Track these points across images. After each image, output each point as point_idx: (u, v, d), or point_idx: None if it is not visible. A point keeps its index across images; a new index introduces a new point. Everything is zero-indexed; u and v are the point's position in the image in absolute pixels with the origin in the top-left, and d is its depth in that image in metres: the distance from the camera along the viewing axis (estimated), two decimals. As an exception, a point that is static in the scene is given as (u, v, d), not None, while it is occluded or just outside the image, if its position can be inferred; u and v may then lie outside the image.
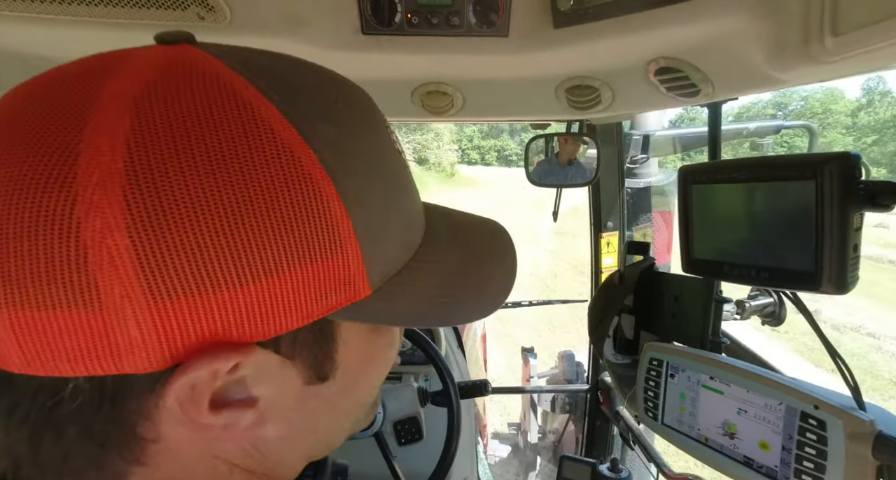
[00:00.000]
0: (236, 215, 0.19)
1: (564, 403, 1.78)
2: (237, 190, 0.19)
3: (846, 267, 0.47)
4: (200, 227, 0.19)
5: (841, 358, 0.53)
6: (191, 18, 0.56)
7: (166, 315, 0.19)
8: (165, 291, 0.19)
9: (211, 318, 0.20)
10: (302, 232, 0.21)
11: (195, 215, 0.19)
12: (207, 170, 0.19)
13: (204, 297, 0.19)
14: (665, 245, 1.51)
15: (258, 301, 0.21)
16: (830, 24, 0.43)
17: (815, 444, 0.51)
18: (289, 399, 0.25)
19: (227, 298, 0.20)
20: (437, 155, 21.23)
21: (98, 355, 0.19)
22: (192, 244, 0.19)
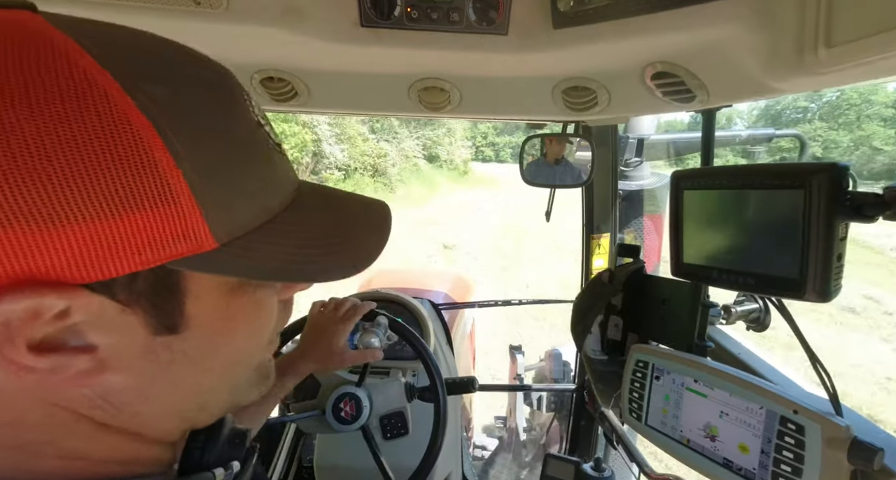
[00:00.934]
0: (52, 153, 0.20)
1: (550, 401, 1.80)
2: (53, 129, 0.20)
3: (830, 276, 0.48)
4: (16, 162, 0.19)
5: (821, 364, 0.54)
6: (186, 4, 0.56)
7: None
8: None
9: (29, 255, 0.20)
10: (123, 175, 0.22)
11: (10, 151, 0.19)
12: (21, 110, 0.20)
13: (21, 232, 0.20)
14: (654, 249, 1.53)
15: (81, 242, 0.21)
16: (824, 36, 0.43)
17: (792, 448, 0.52)
18: (133, 347, 0.25)
19: (47, 236, 0.20)
20: (450, 151, 19.80)
21: None
22: (7, 178, 0.19)
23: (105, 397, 0.26)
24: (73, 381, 0.24)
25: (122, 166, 0.22)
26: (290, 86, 0.83)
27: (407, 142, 15.82)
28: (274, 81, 0.82)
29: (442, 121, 16.57)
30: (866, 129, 21.02)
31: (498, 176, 20.66)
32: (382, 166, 13.44)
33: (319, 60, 0.75)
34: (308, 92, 0.84)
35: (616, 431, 1.10)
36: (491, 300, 1.88)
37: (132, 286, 0.24)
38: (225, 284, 0.28)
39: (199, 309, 0.27)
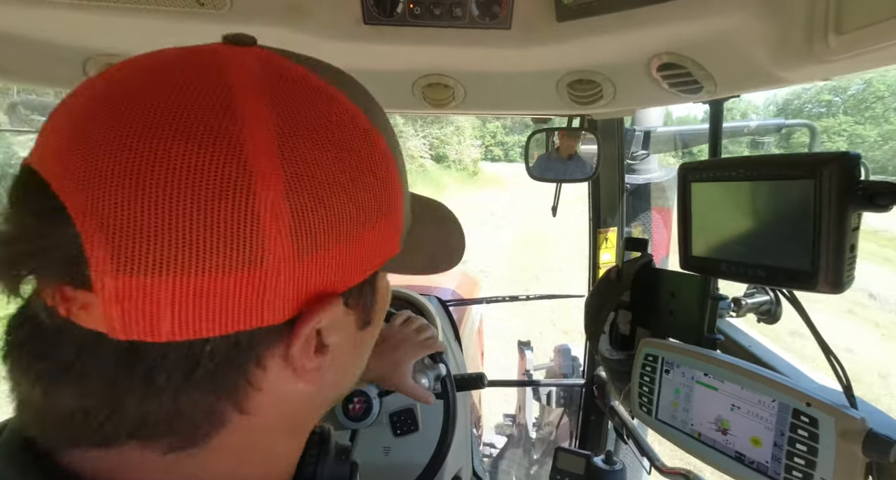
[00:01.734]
0: (349, 189, 0.24)
1: (560, 397, 1.80)
2: (350, 171, 0.24)
3: (842, 267, 0.47)
4: (329, 196, 0.23)
5: (835, 356, 0.53)
6: (189, 5, 0.56)
7: (303, 269, 0.22)
8: (306, 248, 0.22)
9: (324, 273, 0.24)
10: (382, 198, 0.26)
11: (326, 188, 0.23)
12: (330, 154, 0.23)
13: (323, 254, 0.23)
14: (663, 243, 1.51)
15: (348, 256, 0.24)
16: (835, 23, 0.42)
17: (806, 441, 0.52)
18: (347, 344, 0.28)
19: (334, 255, 0.24)
20: (458, 151, 18.75)
21: (247, 311, 0.21)
22: (323, 209, 0.23)
23: (318, 394, 0.28)
24: (317, 381, 0.26)
25: (384, 188, 0.26)
26: (295, 86, 0.83)
27: (412, 142, 15.12)
28: None
29: (450, 118, 15.84)
30: (895, 123, 20.16)
31: (508, 175, 19.89)
32: (382, 169, 13.03)
33: (323, 59, 0.75)
34: None
35: (626, 425, 1.10)
36: (498, 296, 1.88)
37: (360, 291, 0.27)
38: (385, 278, 0.32)
39: (378, 303, 0.30)
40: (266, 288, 0.21)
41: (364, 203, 0.25)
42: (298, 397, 0.27)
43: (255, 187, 0.20)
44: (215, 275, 0.20)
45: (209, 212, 0.20)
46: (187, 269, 0.19)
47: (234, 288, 0.20)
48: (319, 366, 0.26)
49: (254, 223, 0.20)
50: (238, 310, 0.21)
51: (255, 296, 0.21)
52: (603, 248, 1.28)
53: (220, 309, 0.20)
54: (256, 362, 0.23)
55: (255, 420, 0.25)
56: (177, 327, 0.20)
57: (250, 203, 0.20)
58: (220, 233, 0.20)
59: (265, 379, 0.24)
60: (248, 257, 0.20)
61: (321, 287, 0.24)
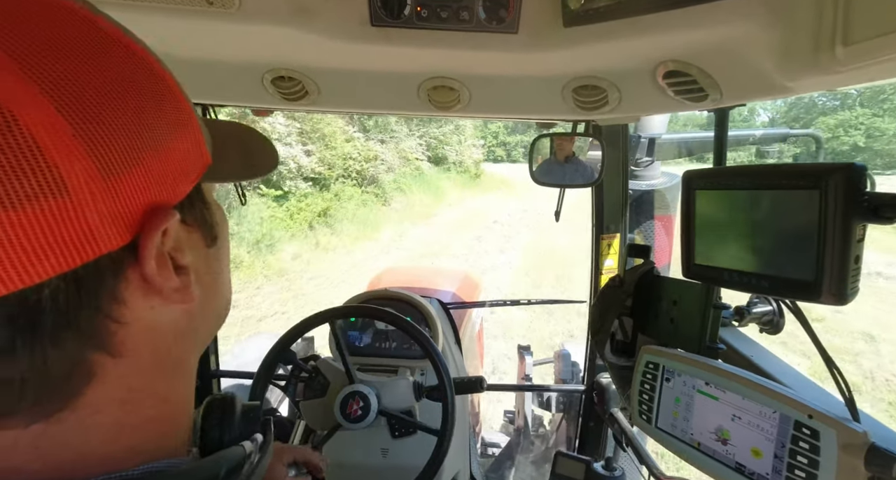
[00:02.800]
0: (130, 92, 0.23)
1: (559, 402, 1.79)
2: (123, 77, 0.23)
3: (847, 279, 0.47)
4: (112, 104, 0.22)
5: (837, 368, 0.53)
6: (199, 4, 0.56)
7: (120, 188, 0.21)
8: (113, 164, 0.21)
9: (147, 186, 0.23)
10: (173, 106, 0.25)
11: (105, 95, 0.21)
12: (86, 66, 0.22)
13: (138, 167, 0.22)
14: (665, 250, 1.51)
15: (166, 164, 0.24)
16: (842, 34, 0.42)
17: (807, 453, 0.51)
18: (201, 263, 0.28)
19: (150, 164, 0.23)
20: (459, 152, 16.70)
21: (73, 243, 0.19)
22: (113, 118, 0.21)
23: (187, 319, 0.27)
24: (187, 300, 0.26)
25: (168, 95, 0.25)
26: (301, 86, 0.84)
27: (407, 142, 13.13)
28: (285, 80, 0.82)
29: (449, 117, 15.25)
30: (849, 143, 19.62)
31: (512, 178, 18.55)
32: (371, 173, 10.33)
33: (330, 59, 0.75)
34: (318, 91, 0.85)
35: (625, 433, 1.09)
36: (500, 299, 1.88)
37: (191, 205, 0.27)
38: (213, 195, 0.31)
39: (216, 216, 0.30)
40: (84, 213, 0.20)
41: (154, 112, 0.24)
42: (171, 325, 0.26)
43: (8, 108, 0.18)
44: (15, 213, 0.18)
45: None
46: None
47: (44, 220, 0.18)
48: (185, 285, 0.25)
49: (31, 147, 0.18)
50: (62, 244, 0.19)
51: (75, 224, 0.19)
52: (606, 254, 1.28)
53: (40, 247, 0.18)
54: (111, 295, 0.22)
55: (128, 362, 0.23)
56: (6, 275, 0.18)
57: (14, 126, 0.18)
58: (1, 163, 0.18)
59: (128, 310, 0.23)
60: (45, 184, 0.18)
61: (146, 202, 0.22)
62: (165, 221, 0.23)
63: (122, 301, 0.22)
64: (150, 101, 0.24)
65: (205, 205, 0.29)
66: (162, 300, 0.24)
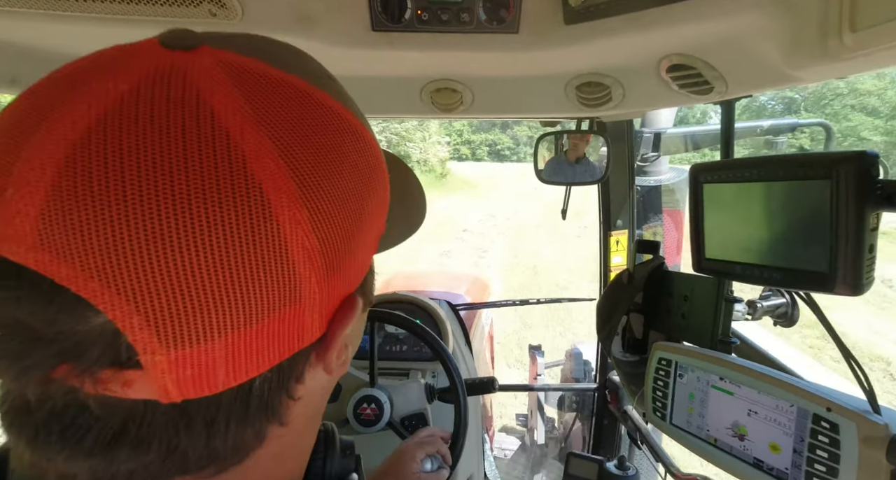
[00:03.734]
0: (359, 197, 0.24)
1: (572, 401, 1.78)
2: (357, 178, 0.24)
3: (861, 268, 0.46)
4: (346, 212, 0.23)
5: (856, 360, 0.52)
6: (202, 15, 0.57)
7: (330, 288, 0.22)
8: (333, 266, 0.22)
9: (348, 282, 0.24)
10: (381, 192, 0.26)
11: (343, 206, 0.22)
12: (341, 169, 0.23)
13: (346, 265, 0.23)
14: (674, 245, 1.50)
15: (362, 257, 0.25)
16: (849, 20, 0.42)
17: (827, 447, 0.51)
18: (356, 328, 0.28)
19: (352, 261, 0.24)
20: (423, 149, 15.66)
21: (290, 342, 0.21)
22: (346, 230, 0.23)
23: (332, 381, 0.28)
24: (342, 370, 0.27)
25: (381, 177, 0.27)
26: (305, 93, 0.84)
27: None
28: None
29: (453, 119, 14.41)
30: (853, 120, 20.09)
31: (478, 177, 17.66)
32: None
33: (332, 66, 0.75)
34: None
35: (640, 430, 1.08)
36: (508, 300, 1.88)
37: (367, 280, 0.28)
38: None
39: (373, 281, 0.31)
40: (304, 315, 0.21)
41: (371, 202, 0.25)
42: (321, 390, 0.28)
43: (283, 233, 0.20)
44: (262, 323, 0.20)
45: (243, 268, 0.19)
46: (236, 327, 0.19)
47: (278, 326, 0.21)
48: (347, 359, 0.26)
49: (288, 265, 0.20)
50: (283, 344, 0.21)
51: (296, 326, 0.21)
52: (614, 251, 1.27)
53: (268, 348, 0.21)
54: (297, 378, 0.24)
55: (290, 428, 0.25)
56: (231, 376, 0.20)
57: (282, 249, 0.20)
58: (259, 285, 0.19)
59: (303, 388, 0.24)
60: (288, 297, 0.20)
61: (346, 292, 0.24)
62: (355, 311, 0.24)
63: (302, 381, 0.24)
64: (374, 198, 0.25)
65: (373, 275, 0.29)
66: (325, 373, 0.25)
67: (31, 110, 0.19)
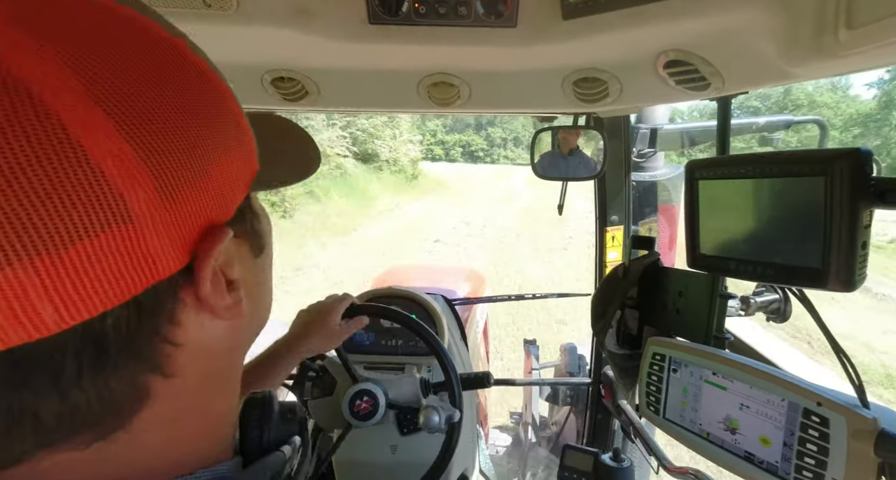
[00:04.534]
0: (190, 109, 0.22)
1: (566, 396, 1.79)
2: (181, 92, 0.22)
3: (854, 265, 0.47)
4: (175, 124, 0.21)
5: (846, 355, 0.52)
6: (197, 5, 0.56)
7: (180, 211, 0.21)
8: (173, 188, 0.20)
9: (205, 206, 0.22)
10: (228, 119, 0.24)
11: (166, 115, 0.21)
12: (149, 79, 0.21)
13: (196, 186, 0.21)
14: (667, 242, 1.50)
15: (221, 181, 0.23)
16: (845, 17, 0.42)
17: (816, 441, 0.51)
18: (249, 275, 0.27)
19: (207, 184, 0.22)
20: (393, 148, 14.21)
21: (136, 270, 0.19)
22: (175, 139, 0.21)
23: (233, 334, 0.27)
24: (236, 317, 0.25)
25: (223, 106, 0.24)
26: (301, 86, 0.84)
27: (325, 133, 10.59)
28: (284, 81, 0.82)
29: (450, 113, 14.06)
30: (811, 130, 21.10)
31: (451, 178, 16.62)
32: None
33: (329, 59, 0.75)
34: (318, 91, 0.85)
35: (633, 424, 1.10)
36: (504, 295, 1.88)
37: (242, 217, 0.26)
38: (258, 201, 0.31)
39: (263, 225, 0.29)
40: (146, 239, 0.19)
41: (216, 130, 0.23)
42: (219, 342, 0.25)
43: (74, 135, 0.17)
44: (81, 246, 0.17)
45: (32, 181, 0.16)
46: (42, 251, 0.17)
47: (110, 250, 0.18)
48: (236, 301, 0.25)
49: (97, 175, 0.18)
50: (126, 272, 0.19)
51: (138, 252, 0.19)
52: (610, 247, 1.28)
53: (105, 277, 0.18)
54: (168, 318, 0.22)
55: (179, 382, 0.23)
56: (63, 312, 0.17)
57: (79, 154, 0.17)
58: (62, 198, 0.17)
59: (182, 332, 0.22)
60: (111, 214, 0.18)
61: (204, 222, 0.22)
62: (221, 240, 0.22)
63: (177, 323, 0.22)
64: (214, 120, 0.23)
65: (253, 216, 0.28)
66: (213, 318, 0.24)
67: None
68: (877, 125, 21.70)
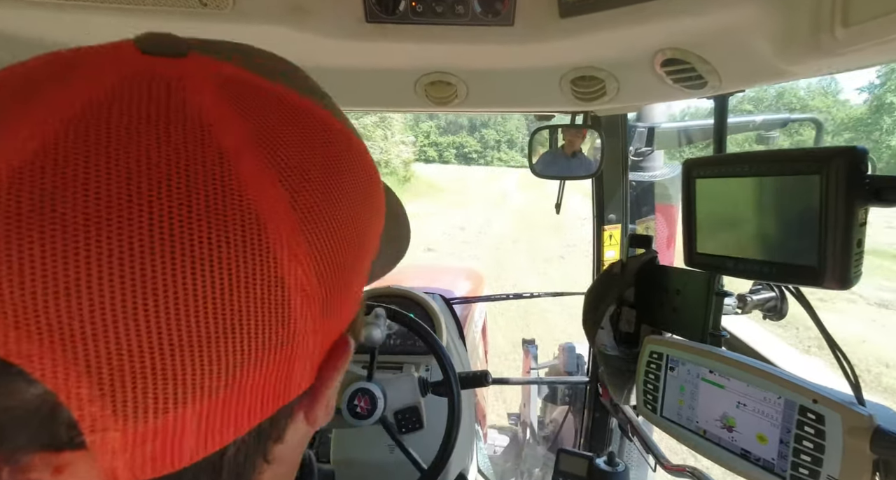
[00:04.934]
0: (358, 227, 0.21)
1: (564, 395, 1.79)
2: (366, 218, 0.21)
3: (850, 263, 0.47)
4: (345, 246, 0.20)
5: (842, 353, 0.53)
6: (193, 5, 0.56)
7: (326, 331, 0.19)
8: (331, 307, 0.19)
9: (342, 321, 0.21)
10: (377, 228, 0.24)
11: (349, 247, 0.20)
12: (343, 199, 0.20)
13: (343, 303, 0.20)
14: (662, 241, 1.50)
15: (357, 292, 0.22)
16: (841, 15, 0.42)
17: (812, 438, 0.52)
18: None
19: (350, 300, 0.21)
20: (384, 149, 13.78)
21: (276, 397, 0.18)
22: (341, 262, 0.19)
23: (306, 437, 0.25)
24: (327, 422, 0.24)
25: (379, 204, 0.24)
26: (297, 85, 0.83)
27: None
28: None
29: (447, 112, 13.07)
30: (804, 134, 21.51)
31: (444, 180, 16.15)
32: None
33: (325, 58, 0.75)
34: None
35: (631, 423, 1.10)
36: (502, 294, 1.88)
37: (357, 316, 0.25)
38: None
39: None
40: (295, 364, 0.18)
41: (370, 228, 0.22)
42: (299, 447, 0.24)
43: (280, 272, 0.16)
44: (245, 380, 0.16)
45: (230, 315, 0.15)
46: (215, 388, 0.15)
47: (264, 381, 0.17)
48: (332, 409, 0.23)
49: (283, 310, 0.17)
50: (267, 400, 0.17)
51: (283, 379, 0.18)
52: (607, 245, 1.28)
53: (250, 407, 0.17)
54: (276, 438, 0.20)
55: (276, 468, 0.22)
56: (201, 446, 0.16)
57: (277, 291, 0.16)
58: (246, 336, 0.16)
59: (282, 449, 0.21)
60: (279, 346, 0.17)
61: (339, 333, 0.21)
62: (348, 354, 0.21)
63: (282, 440, 0.20)
64: (372, 222, 0.22)
65: (362, 308, 0.26)
66: (309, 427, 0.22)
67: None
68: (867, 129, 21.96)
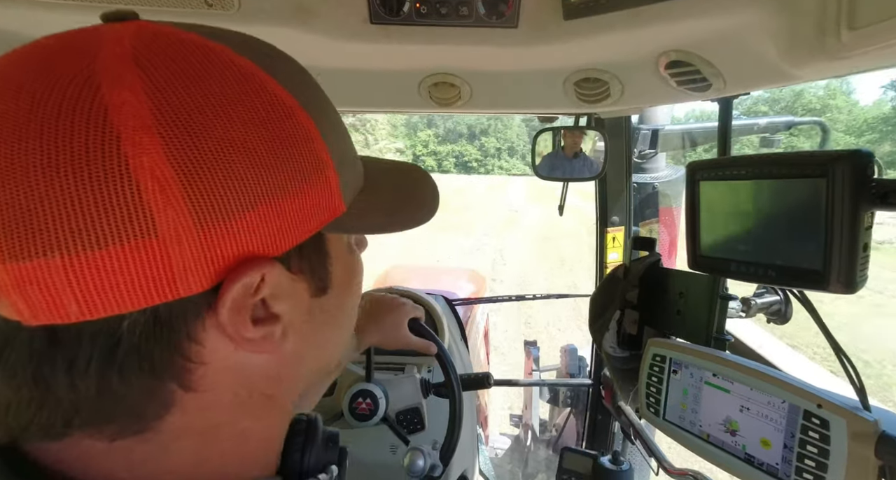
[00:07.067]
0: (250, 147, 0.23)
1: (566, 397, 1.79)
2: (248, 129, 0.23)
3: (855, 267, 0.46)
4: (227, 159, 0.22)
5: (847, 358, 0.52)
6: (198, 6, 0.56)
7: (211, 237, 0.22)
8: (209, 215, 0.21)
9: (242, 237, 0.23)
10: (297, 158, 0.25)
11: (221, 149, 0.22)
12: (221, 114, 0.22)
13: (236, 218, 0.22)
14: (664, 244, 1.50)
15: (272, 219, 0.24)
16: (847, 18, 0.42)
17: (817, 443, 0.51)
18: (300, 312, 0.27)
19: (252, 218, 0.23)
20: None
21: (156, 283, 0.21)
22: (223, 172, 0.22)
23: (279, 365, 0.27)
24: (272, 351, 0.26)
25: (296, 150, 0.25)
26: (302, 86, 0.84)
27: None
28: None
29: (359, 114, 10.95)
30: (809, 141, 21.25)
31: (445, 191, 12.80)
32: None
33: (330, 59, 0.75)
34: None
35: (633, 426, 1.09)
36: (504, 295, 1.88)
37: (301, 255, 0.26)
38: (347, 244, 0.31)
39: (336, 268, 0.30)
40: (169, 257, 0.21)
41: (277, 165, 0.24)
42: (259, 368, 0.26)
43: (125, 153, 0.20)
44: (106, 250, 0.20)
45: (79, 187, 0.19)
46: (74, 247, 0.19)
47: (131, 260, 0.20)
48: (266, 336, 0.25)
49: (133, 192, 0.20)
50: (145, 283, 0.20)
51: (159, 267, 0.21)
52: (610, 248, 1.28)
53: (124, 283, 0.20)
54: (187, 335, 0.23)
55: (208, 397, 0.24)
56: (84, 306, 0.20)
57: (124, 171, 0.20)
58: (99, 206, 0.19)
59: (206, 351, 0.23)
60: (138, 228, 0.20)
61: (242, 252, 0.23)
62: (251, 273, 0.23)
63: (198, 341, 0.23)
64: (276, 154, 0.24)
65: (321, 255, 0.28)
66: (234, 345, 0.24)
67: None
68: (891, 129, 21.37)
